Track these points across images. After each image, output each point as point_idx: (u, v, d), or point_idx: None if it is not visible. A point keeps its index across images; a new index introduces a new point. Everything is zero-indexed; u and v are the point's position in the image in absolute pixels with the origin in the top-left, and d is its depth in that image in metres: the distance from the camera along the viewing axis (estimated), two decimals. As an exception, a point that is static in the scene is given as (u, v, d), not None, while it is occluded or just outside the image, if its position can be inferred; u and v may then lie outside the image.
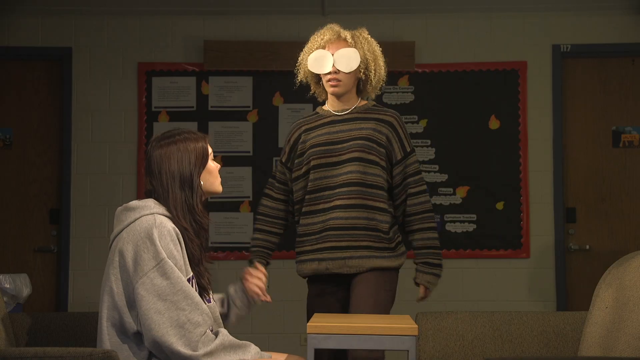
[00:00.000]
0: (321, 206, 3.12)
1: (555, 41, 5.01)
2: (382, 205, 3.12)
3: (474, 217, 4.93)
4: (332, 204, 3.09)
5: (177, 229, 2.40)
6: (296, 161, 3.19)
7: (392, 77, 4.99)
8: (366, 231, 3.10)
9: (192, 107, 5.01)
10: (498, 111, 4.98)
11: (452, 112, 4.98)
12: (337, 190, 3.09)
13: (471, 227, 4.93)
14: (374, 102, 3.28)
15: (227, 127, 5.00)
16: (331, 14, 5.01)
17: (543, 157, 4.95)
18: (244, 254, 4.92)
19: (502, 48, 5.02)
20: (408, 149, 3.17)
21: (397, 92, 4.99)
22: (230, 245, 4.92)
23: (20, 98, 5.07)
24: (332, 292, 3.18)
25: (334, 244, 3.09)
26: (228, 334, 2.44)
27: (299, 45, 3.37)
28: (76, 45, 5.03)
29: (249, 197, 4.94)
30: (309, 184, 3.14)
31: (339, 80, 3.12)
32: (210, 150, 2.55)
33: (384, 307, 3.14)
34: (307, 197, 3.15)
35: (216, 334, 2.41)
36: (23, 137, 5.05)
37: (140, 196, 4.87)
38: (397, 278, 3.28)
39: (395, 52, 4.94)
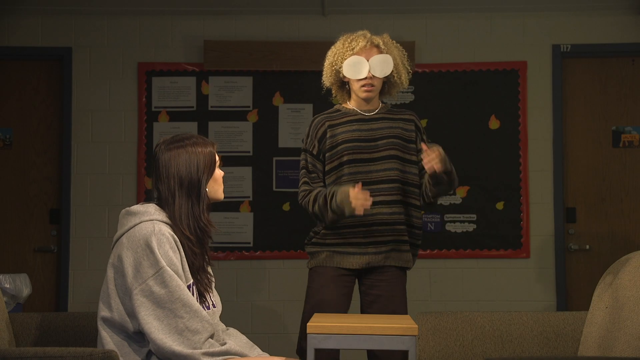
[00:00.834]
0: None
1: (555, 41, 5.01)
2: (417, 202, 3.31)
3: (474, 217, 4.93)
4: (374, 199, 3.15)
5: (175, 236, 2.40)
6: (327, 154, 3.28)
7: (392, 77, 5.01)
8: (407, 227, 3.27)
9: (192, 107, 5.01)
10: (498, 111, 4.98)
11: (452, 112, 4.98)
12: (379, 186, 3.22)
13: (471, 227, 4.92)
14: (391, 103, 3.45)
15: (227, 127, 5.00)
16: (331, 14, 5.01)
17: (543, 157, 4.95)
18: (244, 254, 4.92)
19: (502, 48, 5.02)
20: (428, 142, 3.30)
21: (397, 92, 4.98)
22: (230, 245, 4.92)
23: (20, 98, 5.07)
24: (346, 284, 3.27)
25: (378, 238, 3.22)
26: (234, 345, 2.43)
27: (299, 45, 3.39)
28: (76, 45, 5.03)
29: (249, 197, 4.94)
30: (344, 177, 3.23)
31: (372, 86, 3.27)
32: (217, 157, 2.55)
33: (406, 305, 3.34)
34: None
35: (223, 344, 2.41)
36: (23, 137, 5.05)
37: (140, 196, 4.90)
38: None
39: (395, 52, 4.94)
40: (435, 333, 3.03)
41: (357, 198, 3.01)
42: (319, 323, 2.50)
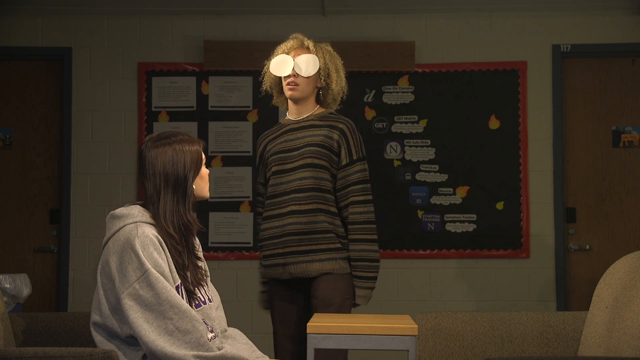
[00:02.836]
0: (277, 211, 3.21)
1: (555, 41, 5.01)
2: (333, 209, 3.21)
3: (474, 217, 4.93)
4: (287, 209, 3.18)
5: (159, 237, 2.39)
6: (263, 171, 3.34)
7: (392, 77, 5.01)
8: (323, 234, 3.17)
9: (192, 107, 5.01)
10: (498, 111, 4.98)
11: (452, 112, 4.98)
12: (293, 196, 3.18)
13: (471, 227, 4.92)
14: (332, 111, 3.33)
15: (227, 127, 5.00)
16: (331, 14, 5.01)
17: (543, 157, 4.95)
18: (244, 254, 4.92)
19: (502, 48, 5.02)
20: (355, 157, 3.21)
21: (397, 92, 4.99)
22: (230, 245, 4.92)
23: (20, 98, 5.07)
24: (293, 297, 3.28)
25: (293, 248, 3.18)
26: (231, 349, 2.42)
27: (299, 45, 3.41)
28: (76, 45, 5.03)
29: (249, 197, 4.94)
30: (268, 189, 3.27)
31: (296, 84, 3.24)
32: (203, 155, 2.55)
33: (347, 311, 3.21)
34: (267, 202, 3.27)
35: (220, 349, 2.40)
36: (23, 137, 5.05)
37: (140, 196, 4.90)
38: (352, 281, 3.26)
39: (395, 52, 4.94)
40: (435, 333, 3.03)
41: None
42: (319, 323, 2.50)
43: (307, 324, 2.51)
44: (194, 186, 2.48)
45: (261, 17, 5.04)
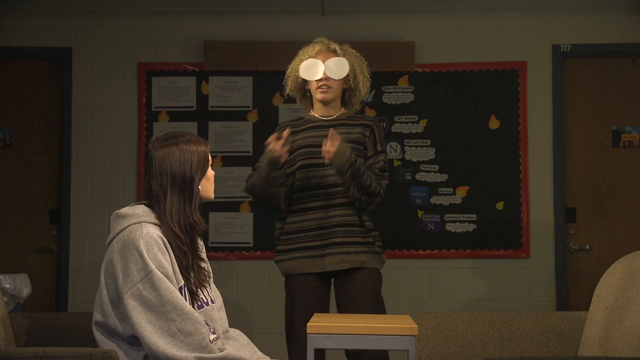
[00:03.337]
0: (315, 204, 3.27)
1: (555, 41, 5.01)
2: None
3: (474, 217, 4.93)
4: (329, 202, 3.25)
5: (164, 237, 2.39)
6: (287, 160, 3.29)
7: (392, 77, 5.01)
8: (360, 228, 3.29)
9: (192, 107, 5.01)
10: (498, 111, 4.98)
11: (452, 112, 4.98)
12: (334, 190, 3.26)
13: (471, 227, 4.92)
14: (356, 112, 3.49)
15: (227, 127, 5.00)
16: (331, 14, 5.01)
17: (543, 157, 4.95)
18: (244, 254, 4.92)
19: (502, 48, 5.02)
20: (379, 149, 3.37)
21: (397, 92, 4.99)
22: (230, 245, 4.92)
23: (20, 98, 5.07)
24: (322, 289, 3.30)
25: (333, 240, 3.24)
26: (232, 350, 2.42)
27: (299, 45, 3.40)
28: (76, 45, 5.03)
29: (249, 197, 4.94)
30: (296, 182, 3.30)
31: (329, 87, 3.31)
32: (210, 156, 2.55)
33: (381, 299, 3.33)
34: (295, 195, 3.30)
35: (222, 350, 2.39)
36: (23, 137, 5.05)
37: (140, 196, 4.90)
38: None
39: (395, 52, 4.94)
40: (435, 333, 3.03)
41: (270, 143, 3.12)
42: (319, 323, 2.50)
43: (307, 324, 2.51)
44: (199, 187, 2.48)
45: (261, 17, 5.04)
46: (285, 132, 3.15)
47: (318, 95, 3.33)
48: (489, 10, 5.03)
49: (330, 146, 3.10)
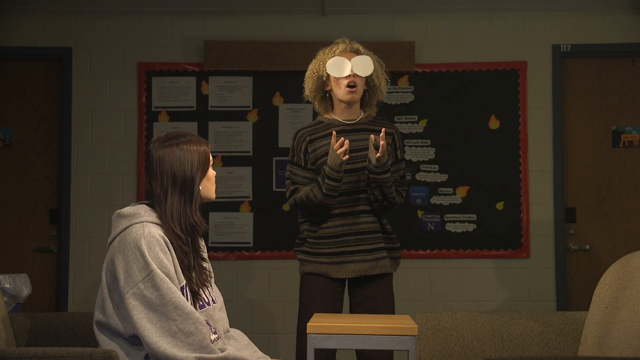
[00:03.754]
0: (341, 210, 3.29)
1: (555, 41, 5.01)
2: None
3: (474, 217, 4.93)
4: (357, 208, 3.29)
5: (165, 237, 2.39)
6: (311, 167, 3.34)
7: (392, 77, 4.98)
8: (383, 234, 3.34)
9: (192, 107, 5.01)
10: (498, 111, 4.98)
11: (452, 112, 4.98)
12: (360, 196, 3.29)
13: (471, 227, 4.92)
14: (375, 115, 3.50)
15: (227, 127, 5.00)
16: (331, 14, 5.01)
17: (543, 157, 4.95)
18: (244, 254, 4.92)
19: (502, 48, 5.02)
20: (399, 157, 3.41)
21: (397, 92, 4.99)
22: (230, 245, 4.92)
23: (20, 98, 5.07)
24: (336, 290, 3.34)
25: (362, 247, 3.29)
26: (233, 350, 2.41)
27: (299, 45, 3.40)
28: (76, 45, 5.03)
29: (249, 197, 4.94)
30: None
31: (355, 86, 3.32)
32: (211, 157, 2.55)
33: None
34: None
35: (222, 350, 2.39)
36: (23, 137, 5.05)
37: (140, 196, 4.90)
38: None
39: (395, 52, 4.94)
40: (435, 333, 3.03)
41: (334, 146, 3.14)
42: (319, 323, 2.50)
43: (307, 324, 2.51)
44: (200, 187, 2.48)
45: (261, 17, 5.04)
46: (346, 143, 3.14)
47: (345, 96, 3.32)
48: (489, 10, 5.03)
49: (382, 140, 3.13)
